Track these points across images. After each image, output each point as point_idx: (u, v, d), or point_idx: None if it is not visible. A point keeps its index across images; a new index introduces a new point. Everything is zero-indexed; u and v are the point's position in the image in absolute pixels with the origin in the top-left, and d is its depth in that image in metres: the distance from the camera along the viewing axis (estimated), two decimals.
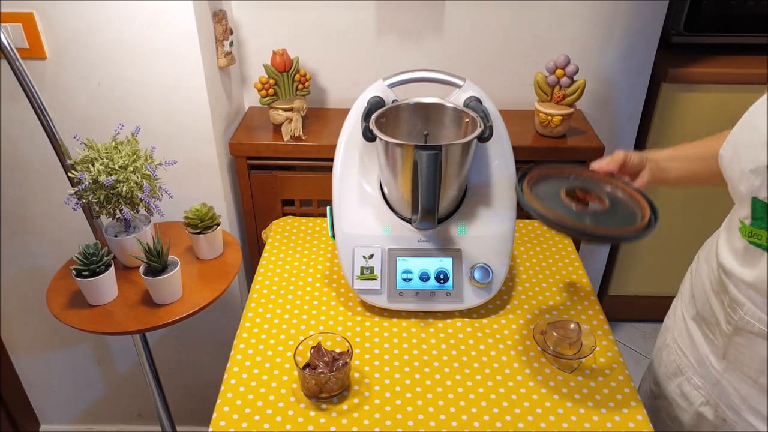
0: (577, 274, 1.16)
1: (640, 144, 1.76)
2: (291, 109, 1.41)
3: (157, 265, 1.09)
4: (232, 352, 0.98)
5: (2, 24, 1.15)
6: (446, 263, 1.03)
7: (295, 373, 0.93)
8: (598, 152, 1.39)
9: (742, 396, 0.81)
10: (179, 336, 1.63)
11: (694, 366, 0.90)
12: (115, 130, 1.12)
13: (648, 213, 0.81)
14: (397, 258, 1.04)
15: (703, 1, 1.61)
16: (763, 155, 0.67)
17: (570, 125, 1.44)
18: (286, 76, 1.38)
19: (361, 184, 1.07)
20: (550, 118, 1.39)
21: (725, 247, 0.82)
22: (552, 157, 1.41)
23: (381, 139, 0.95)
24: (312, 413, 0.87)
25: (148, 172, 1.11)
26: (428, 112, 1.05)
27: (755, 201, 0.71)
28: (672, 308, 1.02)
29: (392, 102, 1.05)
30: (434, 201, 0.92)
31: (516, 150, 1.08)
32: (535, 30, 1.47)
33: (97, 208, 1.10)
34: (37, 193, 1.40)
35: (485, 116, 0.99)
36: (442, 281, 1.03)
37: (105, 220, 1.18)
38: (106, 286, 1.11)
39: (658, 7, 1.48)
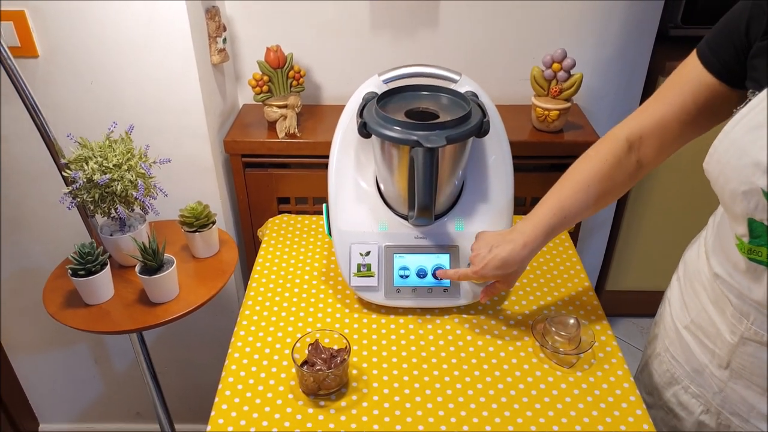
0: (574, 270, 1.15)
1: None
2: (285, 106, 1.40)
3: (153, 263, 1.08)
4: (229, 350, 0.97)
5: None
6: (443, 260, 1.03)
7: (293, 370, 0.93)
8: None
9: (750, 403, 0.79)
10: (176, 334, 1.63)
11: (691, 375, 0.87)
12: (109, 129, 1.11)
13: None
14: (394, 255, 1.03)
15: None
16: (754, 177, 0.64)
17: (567, 120, 1.43)
18: (280, 73, 1.37)
19: (357, 180, 1.06)
20: (547, 112, 1.39)
21: (718, 259, 0.79)
22: (549, 151, 1.40)
23: (377, 135, 0.94)
24: (310, 410, 0.87)
25: (143, 171, 1.10)
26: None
27: (752, 221, 0.67)
28: (659, 315, 0.98)
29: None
30: (431, 197, 0.91)
31: (513, 145, 1.07)
32: (532, 23, 1.46)
33: (91, 207, 1.10)
34: (32, 193, 1.39)
35: (482, 111, 0.98)
36: (439, 278, 1.03)
37: (100, 219, 1.17)
38: (102, 285, 1.11)
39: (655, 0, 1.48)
